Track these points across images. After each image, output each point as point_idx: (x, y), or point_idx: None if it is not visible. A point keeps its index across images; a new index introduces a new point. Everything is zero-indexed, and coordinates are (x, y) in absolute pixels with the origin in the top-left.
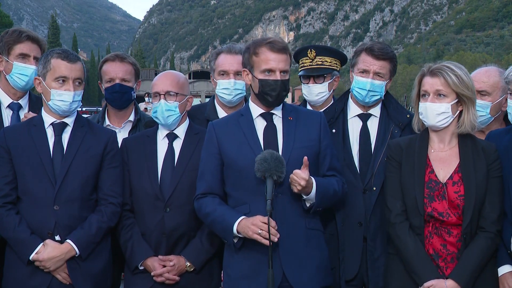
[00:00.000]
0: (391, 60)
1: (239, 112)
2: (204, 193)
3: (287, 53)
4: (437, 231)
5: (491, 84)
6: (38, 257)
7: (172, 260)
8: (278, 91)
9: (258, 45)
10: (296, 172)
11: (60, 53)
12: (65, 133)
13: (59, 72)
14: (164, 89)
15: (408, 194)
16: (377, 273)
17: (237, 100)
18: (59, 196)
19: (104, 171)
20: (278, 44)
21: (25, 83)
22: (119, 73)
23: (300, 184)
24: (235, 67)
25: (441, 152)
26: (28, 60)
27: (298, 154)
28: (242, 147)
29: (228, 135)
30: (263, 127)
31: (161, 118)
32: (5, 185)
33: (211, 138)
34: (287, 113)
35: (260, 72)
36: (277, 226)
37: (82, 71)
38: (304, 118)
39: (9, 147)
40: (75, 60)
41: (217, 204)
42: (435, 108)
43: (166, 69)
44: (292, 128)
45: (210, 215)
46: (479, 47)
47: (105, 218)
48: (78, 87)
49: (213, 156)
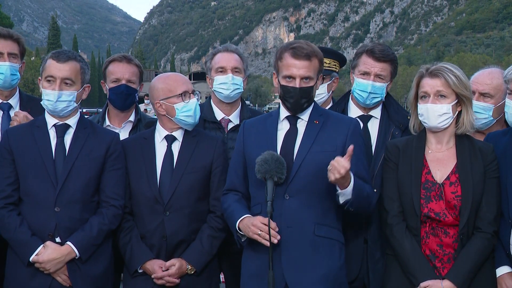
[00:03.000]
0: (392, 62)
1: (270, 113)
2: (228, 189)
3: (312, 59)
4: (434, 232)
5: (494, 86)
6: (38, 258)
7: (175, 264)
8: (296, 98)
9: (283, 49)
10: (338, 159)
11: (53, 53)
12: (68, 134)
13: (48, 72)
14: (190, 88)
15: (404, 195)
16: (377, 274)
17: (235, 95)
18: (60, 198)
19: (106, 173)
20: (300, 50)
21: (2, 81)
22: (126, 74)
23: (340, 172)
24: (233, 63)
25: (439, 153)
26: (2, 57)
27: (314, 158)
28: (261, 147)
29: (253, 134)
30: (286, 130)
31: (196, 116)
32: (7, 186)
33: (240, 136)
34: (314, 117)
35: (282, 78)
36: (278, 228)
37: (73, 71)
38: (332, 123)
39: (11, 148)
40: (64, 60)
41: (234, 200)
42: (436, 109)
43: (166, 70)
44: (314, 132)
45: (226, 211)
46: (479, 48)
47: (106, 221)
48: (67, 87)
49: (238, 153)
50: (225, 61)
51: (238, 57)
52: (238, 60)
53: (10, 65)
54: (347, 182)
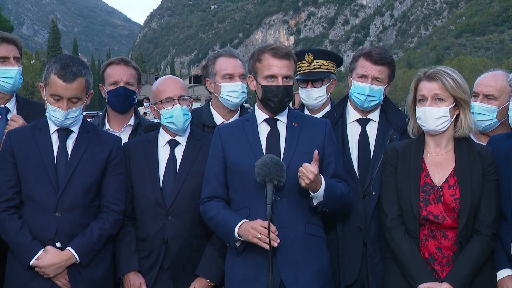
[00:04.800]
0: (390, 65)
1: (245, 117)
2: (209, 196)
3: (290, 59)
4: (433, 234)
5: (498, 88)
6: (39, 263)
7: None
8: (280, 97)
9: (261, 51)
10: (305, 165)
11: (58, 70)
12: (70, 139)
13: (54, 90)
14: (177, 94)
15: (403, 198)
16: (377, 277)
17: (240, 103)
18: (61, 203)
19: (107, 178)
20: (280, 50)
21: (11, 85)
22: (124, 76)
23: (309, 177)
24: (240, 70)
25: (437, 156)
26: (8, 62)
27: (299, 159)
28: (244, 151)
29: (232, 139)
30: (266, 132)
31: (178, 123)
32: (8, 189)
33: (216, 142)
34: (292, 119)
35: (263, 78)
36: (277, 232)
37: (79, 89)
38: (309, 125)
39: (13, 150)
40: (72, 80)
41: (221, 207)
42: (434, 112)
43: (166, 74)
44: (295, 134)
45: (214, 219)
46: (479, 52)
47: (107, 226)
48: (74, 104)
49: (218, 160)
50: (232, 68)
51: (241, 63)
52: (242, 66)
53: (18, 69)
54: (318, 185)
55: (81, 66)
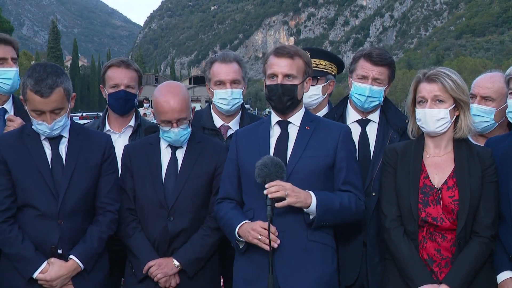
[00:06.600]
0: (390, 66)
1: (262, 120)
2: (222, 198)
3: (294, 58)
4: (431, 236)
5: (496, 90)
6: (46, 276)
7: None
8: (278, 95)
9: (269, 53)
10: (277, 181)
11: (33, 86)
12: (62, 144)
13: (34, 106)
14: (176, 117)
15: (402, 200)
16: (377, 278)
17: (234, 109)
18: (62, 210)
19: (100, 179)
20: (282, 49)
21: (10, 86)
22: (125, 79)
23: (288, 203)
24: (231, 76)
25: (437, 157)
26: (6, 63)
27: (305, 163)
28: (253, 154)
29: (246, 142)
30: (277, 135)
31: (175, 142)
32: (5, 198)
33: (232, 144)
34: (306, 123)
35: (267, 78)
36: (277, 233)
37: (59, 100)
38: (324, 129)
39: (5, 157)
40: (49, 93)
41: (230, 208)
42: (434, 114)
43: (166, 74)
44: (305, 137)
45: (222, 219)
46: (479, 52)
47: (104, 228)
48: (58, 115)
49: (232, 162)
50: (223, 74)
51: (237, 66)
52: (236, 70)
53: (16, 70)
54: (308, 200)
55: (55, 76)
